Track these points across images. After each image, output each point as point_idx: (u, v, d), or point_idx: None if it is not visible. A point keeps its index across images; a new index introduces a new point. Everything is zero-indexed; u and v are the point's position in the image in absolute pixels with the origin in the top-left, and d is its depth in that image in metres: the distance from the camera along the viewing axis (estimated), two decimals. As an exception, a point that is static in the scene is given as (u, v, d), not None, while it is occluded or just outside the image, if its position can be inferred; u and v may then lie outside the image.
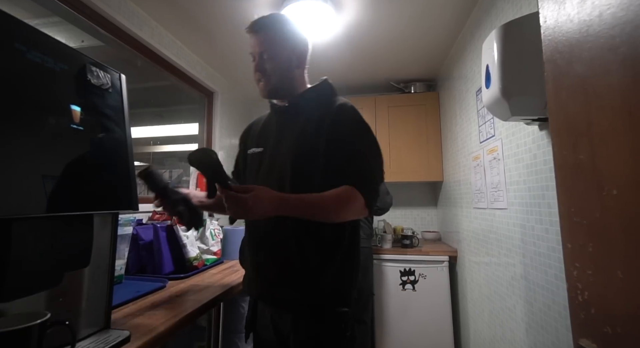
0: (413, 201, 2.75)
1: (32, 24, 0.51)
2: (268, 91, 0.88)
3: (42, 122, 0.50)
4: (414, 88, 2.53)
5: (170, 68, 1.85)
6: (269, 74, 0.85)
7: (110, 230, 0.67)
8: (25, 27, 0.50)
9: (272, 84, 0.86)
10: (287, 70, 0.87)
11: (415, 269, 2.12)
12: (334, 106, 0.85)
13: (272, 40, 0.84)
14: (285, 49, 0.85)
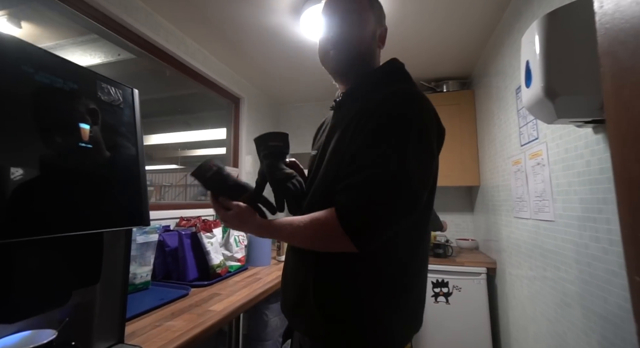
0: (447, 207, 2.58)
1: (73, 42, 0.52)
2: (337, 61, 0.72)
3: (50, 142, 0.50)
4: (446, 87, 2.38)
5: (196, 76, 1.90)
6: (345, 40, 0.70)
7: (124, 246, 0.67)
8: (33, 50, 0.51)
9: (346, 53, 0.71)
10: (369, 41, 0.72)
11: (448, 281, 1.98)
12: (382, 95, 0.62)
13: (361, 2, 0.71)
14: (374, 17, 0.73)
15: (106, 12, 1.29)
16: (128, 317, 0.90)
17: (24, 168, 0.47)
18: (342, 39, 0.70)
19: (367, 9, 0.72)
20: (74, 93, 0.56)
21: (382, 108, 0.60)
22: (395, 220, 0.55)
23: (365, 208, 0.54)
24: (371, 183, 0.54)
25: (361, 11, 0.71)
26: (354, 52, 0.71)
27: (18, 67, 0.48)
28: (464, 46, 1.89)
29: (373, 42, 0.73)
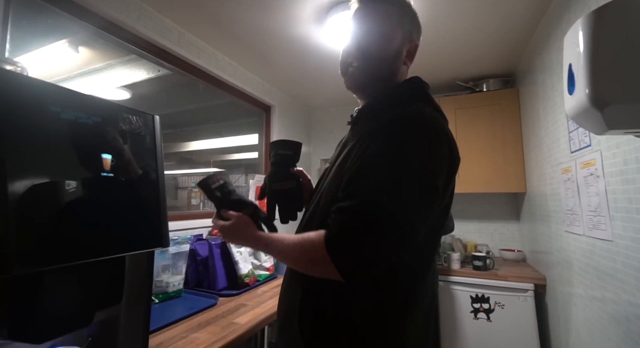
0: (489, 214, 2.40)
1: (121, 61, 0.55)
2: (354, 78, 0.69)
3: (73, 174, 0.55)
4: (486, 86, 2.21)
5: (228, 88, 1.97)
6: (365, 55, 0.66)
7: (146, 266, 0.70)
8: (59, 90, 0.55)
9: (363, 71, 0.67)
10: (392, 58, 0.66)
11: (489, 296, 1.83)
12: (391, 116, 0.58)
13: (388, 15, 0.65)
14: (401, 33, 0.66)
15: (143, 36, 1.40)
16: (159, 326, 0.96)
17: (52, 200, 0.52)
18: (362, 55, 0.66)
19: (395, 24, 0.66)
20: (97, 126, 0.60)
21: (386, 131, 0.56)
22: (380, 256, 0.51)
23: (351, 237, 0.51)
24: (361, 213, 0.51)
25: (388, 26, 0.65)
26: (371, 71, 0.66)
27: (46, 108, 0.53)
28: (506, 41, 1.73)
29: (397, 60, 0.67)
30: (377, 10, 0.66)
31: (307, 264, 0.56)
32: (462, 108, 2.21)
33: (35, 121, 0.51)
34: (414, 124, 0.55)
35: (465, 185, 2.16)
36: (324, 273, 0.54)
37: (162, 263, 1.18)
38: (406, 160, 0.52)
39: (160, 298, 1.17)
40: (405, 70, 0.71)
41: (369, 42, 0.65)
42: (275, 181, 0.73)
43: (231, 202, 0.71)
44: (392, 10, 0.66)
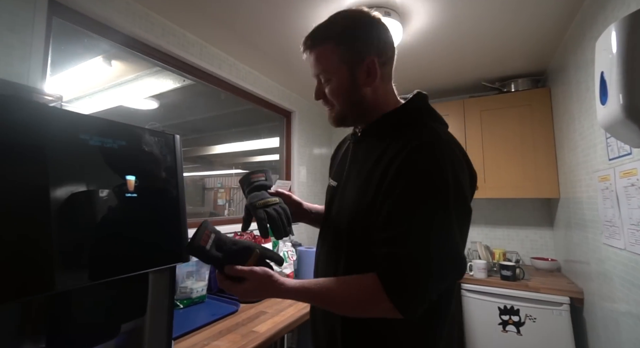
0: (519, 220, 2.28)
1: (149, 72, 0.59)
2: (334, 120, 0.69)
3: (97, 197, 0.58)
4: (514, 86, 2.10)
5: (249, 96, 2.02)
6: (330, 103, 0.68)
7: (168, 279, 0.74)
8: (88, 120, 0.60)
9: (337, 113, 0.68)
10: (354, 95, 0.65)
11: (519, 308, 1.74)
12: (410, 144, 0.57)
13: (326, 59, 0.64)
14: (346, 66, 0.63)
15: (167, 51, 1.46)
16: (183, 332, 1.00)
17: (85, 222, 0.56)
18: (326, 99, 0.68)
19: (335, 61, 0.64)
20: (122, 149, 0.64)
21: (409, 167, 0.56)
22: (437, 290, 0.55)
23: (410, 281, 0.52)
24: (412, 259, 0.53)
25: (330, 65, 0.65)
26: (341, 108, 0.67)
27: (76, 136, 0.57)
28: (536, 38, 1.63)
29: (356, 88, 0.65)
30: (317, 55, 0.66)
31: (361, 307, 0.56)
32: (488, 110, 2.11)
33: (68, 149, 0.56)
34: (433, 157, 0.56)
35: (492, 190, 2.07)
36: (380, 313, 0.55)
37: (186, 269, 1.24)
38: (441, 193, 0.54)
39: (184, 303, 1.22)
40: (378, 86, 0.67)
41: (329, 90, 0.66)
42: (259, 200, 0.71)
43: (233, 256, 0.62)
44: (328, 48, 0.64)
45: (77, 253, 0.54)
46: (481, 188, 2.10)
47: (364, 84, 0.65)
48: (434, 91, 2.43)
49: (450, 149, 0.58)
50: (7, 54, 0.93)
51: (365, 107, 0.67)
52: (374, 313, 0.56)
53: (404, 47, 1.72)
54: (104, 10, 1.20)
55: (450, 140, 0.61)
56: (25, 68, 0.97)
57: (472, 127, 2.16)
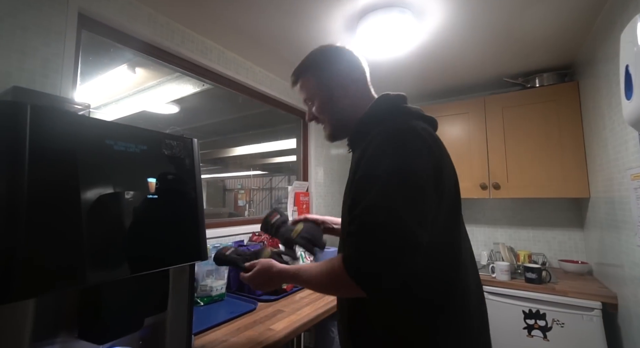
0: (546, 221, 2.18)
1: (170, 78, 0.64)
2: (327, 136, 0.82)
3: (121, 198, 0.62)
4: (539, 81, 2.01)
5: (265, 99, 2.06)
6: (321, 120, 0.81)
7: (188, 276, 0.77)
8: (113, 126, 0.64)
9: (329, 132, 0.81)
10: (334, 108, 0.77)
11: (546, 312, 1.67)
12: (369, 137, 0.65)
13: (307, 86, 0.81)
14: (323, 88, 0.78)
15: (186, 57, 1.52)
16: (203, 328, 1.04)
17: (111, 221, 0.60)
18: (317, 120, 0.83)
19: (315, 88, 0.80)
20: (144, 153, 0.68)
21: (367, 153, 0.62)
22: (392, 264, 0.54)
23: (362, 254, 0.55)
24: (363, 232, 0.56)
25: (312, 92, 0.81)
26: (332, 126, 0.80)
27: (102, 142, 0.61)
28: (562, 30, 1.56)
29: (337, 104, 0.77)
30: (300, 85, 0.84)
31: (334, 288, 0.63)
32: (511, 106, 2.04)
33: (95, 154, 0.60)
34: (385, 140, 0.62)
35: (516, 190, 2.00)
36: (350, 293, 0.60)
37: (206, 268, 1.28)
38: (388, 174, 0.58)
39: (205, 301, 1.26)
40: (355, 98, 0.77)
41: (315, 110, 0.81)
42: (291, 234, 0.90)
43: (247, 257, 0.85)
44: (306, 79, 0.82)
45: (104, 250, 0.58)
46: (503, 187, 2.03)
47: (339, 98, 0.77)
48: (453, 88, 2.38)
49: (404, 132, 0.62)
50: (43, 67, 1.01)
51: (348, 118, 0.77)
52: (343, 291, 0.62)
53: (420, 46, 1.69)
54: (129, 21, 1.27)
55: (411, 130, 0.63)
56: (58, 79, 1.05)
57: (494, 125, 2.09)
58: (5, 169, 0.49)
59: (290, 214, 2.22)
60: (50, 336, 0.57)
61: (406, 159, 0.58)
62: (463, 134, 2.20)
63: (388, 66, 1.94)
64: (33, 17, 0.99)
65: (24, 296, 0.47)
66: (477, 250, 2.38)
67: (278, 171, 5.24)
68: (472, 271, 0.69)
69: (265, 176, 5.89)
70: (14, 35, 0.94)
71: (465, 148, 2.17)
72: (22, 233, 0.48)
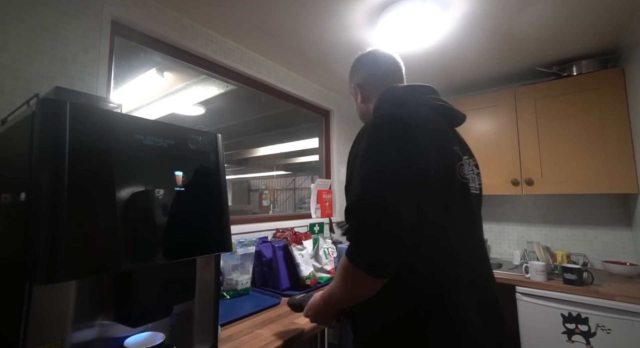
0: (587, 219, 2.03)
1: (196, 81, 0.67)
2: None
3: (151, 190, 0.65)
4: (577, 69, 1.87)
5: (288, 98, 2.08)
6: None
7: (214, 267, 0.79)
8: (142, 121, 0.67)
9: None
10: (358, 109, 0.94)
11: (588, 317, 1.55)
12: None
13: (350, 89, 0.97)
14: (353, 86, 0.93)
15: (210, 59, 1.57)
16: (229, 320, 1.07)
17: (142, 212, 0.63)
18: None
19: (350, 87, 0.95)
20: (171, 148, 0.71)
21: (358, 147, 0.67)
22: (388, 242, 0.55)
23: (358, 241, 0.58)
24: (356, 224, 0.58)
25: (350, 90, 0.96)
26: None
27: (132, 137, 0.64)
28: (604, 12, 1.43)
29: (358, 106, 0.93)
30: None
31: (348, 283, 0.63)
32: (544, 98, 1.92)
33: (127, 148, 0.63)
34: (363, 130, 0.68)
35: (551, 185, 1.87)
36: (361, 283, 0.60)
37: (231, 263, 1.31)
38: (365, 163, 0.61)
39: (231, 294, 1.29)
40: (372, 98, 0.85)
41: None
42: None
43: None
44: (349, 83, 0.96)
45: (135, 239, 0.61)
46: (537, 183, 1.91)
47: (363, 101, 0.89)
48: (480, 81, 2.28)
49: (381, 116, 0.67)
50: (81, 71, 1.08)
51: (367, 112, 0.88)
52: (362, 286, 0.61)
53: (444, 38, 1.63)
54: (156, 25, 1.33)
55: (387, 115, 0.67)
56: (94, 82, 1.12)
57: (525, 117, 1.97)
58: (49, 161, 0.53)
59: (314, 212, 2.23)
60: (89, 319, 0.61)
61: (378, 135, 0.62)
62: (492, 128, 2.10)
63: (411, 59, 1.89)
64: (73, 27, 1.06)
65: (67, 277, 0.51)
66: (508, 249, 2.26)
67: (301, 171, 5.28)
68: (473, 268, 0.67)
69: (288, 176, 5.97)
70: (57, 43, 1.02)
71: (494, 143, 2.07)
72: (64, 221, 0.52)
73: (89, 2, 1.11)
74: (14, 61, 0.93)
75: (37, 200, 0.52)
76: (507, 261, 2.14)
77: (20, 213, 0.54)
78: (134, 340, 0.64)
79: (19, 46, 0.94)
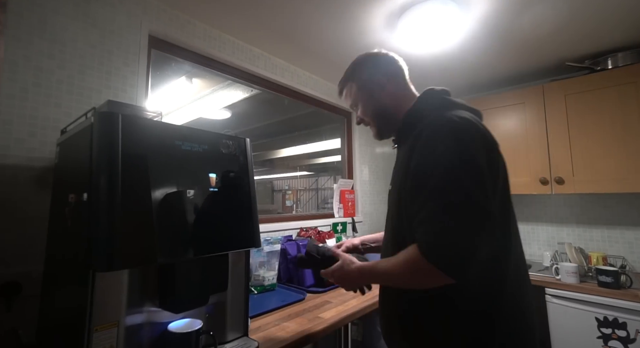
0: (625, 219, 1.92)
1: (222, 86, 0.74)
2: (375, 135, 0.88)
3: (189, 191, 0.72)
4: (612, 62, 1.78)
5: (310, 100, 2.14)
6: (367, 121, 0.87)
7: (244, 262, 0.86)
8: (180, 128, 0.74)
9: (375, 129, 0.86)
10: (376, 105, 0.82)
11: (626, 321, 1.48)
12: (420, 133, 0.66)
13: (350, 92, 0.88)
14: (363, 89, 0.84)
15: (237, 66, 1.66)
16: (257, 313, 1.13)
17: (178, 209, 0.70)
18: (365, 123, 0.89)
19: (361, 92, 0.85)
20: (205, 152, 0.78)
21: (419, 143, 0.64)
22: (472, 242, 0.54)
23: (441, 237, 0.55)
24: (436, 214, 0.56)
25: (359, 96, 0.85)
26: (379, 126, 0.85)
27: (172, 142, 0.72)
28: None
29: (381, 103, 0.82)
30: (345, 93, 0.91)
31: (412, 278, 0.60)
32: (575, 93, 1.84)
33: (168, 153, 0.71)
34: (441, 129, 0.63)
35: (584, 184, 1.80)
36: (430, 281, 0.58)
37: (258, 260, 1.38)
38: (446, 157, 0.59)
39: (258, 290, 1.37)
40: (394, 93, 0.82)
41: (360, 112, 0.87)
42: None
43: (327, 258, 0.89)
44: (349, 85, 0.89)
45: (177, 235, 0.68)
46: (568, 182, 1.84)
47: (379, 95, 0.82)
48: (506, 78, 2.22)
49: (456, 126, 0.62)
50: (123, 83, 1.19)
51: (390, 112, 0.81)
52: (424, 281, 0.59)
53: (466, 36, 1.62)
54: (188, 38, 1.43)
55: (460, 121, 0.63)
56: (134, 93, 1.23)
57: (555, 114, 1.90)
58: (106, 167, 0.61)
59: (336, 211, 2.27)
60: (138, 305, 0.69)
61: (461, 143, 0.60)
62: (519, 126, 2.04)
63: (433, 60, 1.89)
64: (116, 43, 1.18)
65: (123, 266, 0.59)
66: (538, 251, 2.18)
67: (323, 171, 5.33)
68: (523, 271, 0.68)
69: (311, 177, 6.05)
70: (103, 59, 1.14)
71: (522, 141, 2.01)
72: (120, 219, 0.60)
73: (130, 21, 1.22)
74: (69, 77, 1.05)
75: (97, 201, 0.60)
76: (536, 263, 2.07)
77: (83, 212, 0.63)
78: (176, 325, 0.72)
79: (73, 64, 1.06)
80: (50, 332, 0.74)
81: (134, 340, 0.66)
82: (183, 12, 1.41)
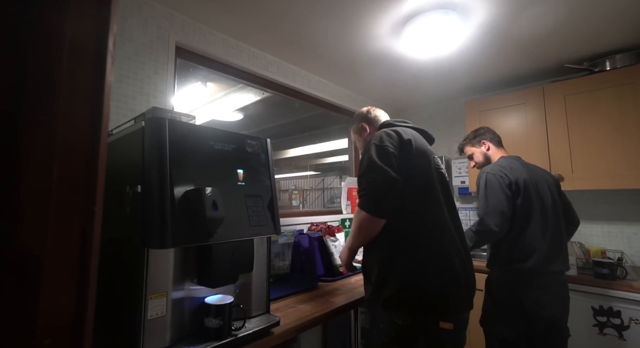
0: (623, 215, 1.99)
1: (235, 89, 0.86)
2: None
3: (222, 184, 0.84)
4: (610, 63, 1.86)
5: (319, 102, 2.25)
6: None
7: (266, 247, 0.98)
8: (213, 130, 0.86)
9: None
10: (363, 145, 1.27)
11: (620, 310, 1.56)
12: None
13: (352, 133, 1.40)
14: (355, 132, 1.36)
15: (250, 71, 1.79)
16: (273, 297, 1.25)
17: (212, 200, 0.82)
18: None
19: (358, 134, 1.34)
20: (234, 150, 0.90)
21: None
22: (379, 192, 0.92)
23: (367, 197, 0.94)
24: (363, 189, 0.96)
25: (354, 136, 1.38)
26: None
27: (206, 142, 0.84)
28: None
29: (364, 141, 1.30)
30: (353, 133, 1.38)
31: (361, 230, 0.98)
32: (574, 94, 1.92)
33: (202, 151, 0.83)
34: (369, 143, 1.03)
35: (582, 181, 1.88)
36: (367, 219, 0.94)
37: (274, 250, 1.50)
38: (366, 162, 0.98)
39: (273, 278, 1.48)
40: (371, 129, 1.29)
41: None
42: None
43: None
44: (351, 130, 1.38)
45: (212, 222, 0.80)
46: (568, 179, 1.92)
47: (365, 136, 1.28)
48: (507, 79, 2.30)
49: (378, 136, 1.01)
50: (154, 89, 1.33)
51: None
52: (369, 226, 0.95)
53: (467, 41, 1.72)
54: (209, 47, 1.56)
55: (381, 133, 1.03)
56: (163, 98, 1.36)
57: (555, 114, 1.98)
58: (157, 163, 0.73)
59: (344, 208, 2.38)
60: (181, 282, 0.81)
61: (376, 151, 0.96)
62: (520, 126, 2.13)
63: (436, 64, 1.98)
64: (148, 54, 1.31)
65: (172, 245, 0.71)
66: (540, 246, 2.26)
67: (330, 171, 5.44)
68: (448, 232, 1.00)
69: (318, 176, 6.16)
70: (137, 69, 1.27)
71: (523, 140, 2.10)
72: (168, 206, 0.72)
73: (160, 33, 1.36)
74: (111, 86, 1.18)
75: (150, 191, 0.72)
76: (537, 257, 2.15)
77: (138, 201, 0.75)
78: (211, 299, 0.84)
79: (114, 74, 1.19)
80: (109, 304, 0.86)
81: (178, 310, 0.78)
82: (204, 24, 1.54)
